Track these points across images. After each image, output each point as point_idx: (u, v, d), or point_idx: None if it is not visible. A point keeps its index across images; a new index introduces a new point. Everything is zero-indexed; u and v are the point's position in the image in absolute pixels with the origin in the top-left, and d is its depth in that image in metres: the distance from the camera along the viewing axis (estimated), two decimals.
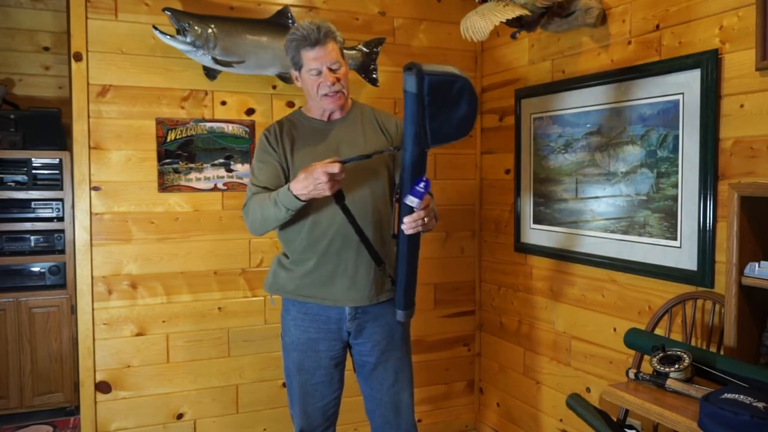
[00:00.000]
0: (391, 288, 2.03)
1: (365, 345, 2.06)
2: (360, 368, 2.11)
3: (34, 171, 3.41)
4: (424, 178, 1.73)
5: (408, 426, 2.13)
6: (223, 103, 2.78)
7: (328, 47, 1.93)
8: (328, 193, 1.78)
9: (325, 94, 1.96)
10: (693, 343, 2.04)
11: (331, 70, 1.94)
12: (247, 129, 2.82)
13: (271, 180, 2.00)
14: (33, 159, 3.40)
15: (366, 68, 2.89)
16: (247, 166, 2.82)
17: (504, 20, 2.36)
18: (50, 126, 3.46)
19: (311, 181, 1.76)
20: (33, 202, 3.44)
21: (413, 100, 1.65)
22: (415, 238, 1.81)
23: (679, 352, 1.71)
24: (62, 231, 3.47)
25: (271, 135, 2.04)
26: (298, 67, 1.98)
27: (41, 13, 3.74)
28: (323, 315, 2.02)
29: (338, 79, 1.95)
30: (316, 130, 2.05)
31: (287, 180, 1.99)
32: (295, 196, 1.82)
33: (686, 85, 2.06)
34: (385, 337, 2.06)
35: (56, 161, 3.45)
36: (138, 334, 2.70)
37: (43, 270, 3.46)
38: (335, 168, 1.73)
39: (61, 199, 3.47)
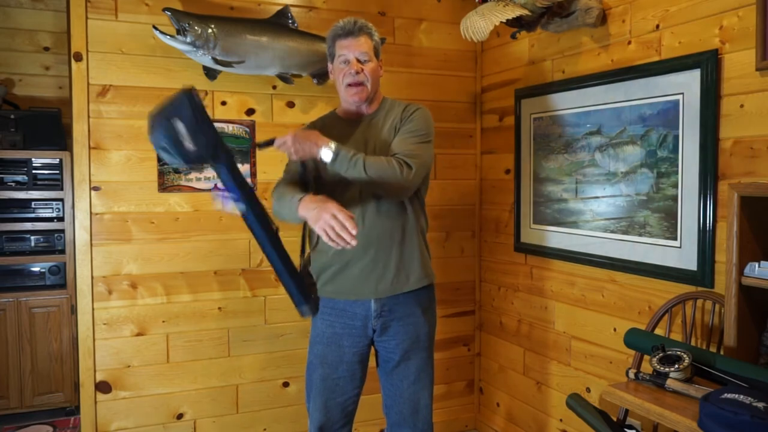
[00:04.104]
0: (417, 280, 2.06)
1: (390, 342, 2.07)
2: (384, 364, 2.12)
3: (34, 171, 3.41)
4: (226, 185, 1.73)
5: (424, 425, 2.14)
6: (223, 103, 2.78)
7: (360, 40, 2.00)
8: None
9: (349, 84, 1.99)
10: (693, 343, 2.04)
11: (358, 60, 1.98)
12: (247, 129, 2.82)
13: (293, 174, 2.06)
14: (33, 159, 3.40)
15: None
16: (247, 166, 2.82)
17: (504, 20, 2.36)
18: (50, 126, 3.46)
19: (319, 217, 1.75)
20: (33, 202, 3.44)
21: (191, 108, 1.62)
22: (264, 227, 1.78)
23: (679, 352, 1.71)
24: (62, 231, 3.47)
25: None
26: (332, 58, 2.04)
27: (41, 13, 3.74)
28: (349, 311, 2.03)
29: (362, 70, 1.98)
30: (345, 128, 2.07)
31: (312, 172, 2.03)
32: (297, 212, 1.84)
33: (686, 85, 2.06)
34: (409, 336, 2.07)
35: (56, 161, 3.45)
36: (138, 334, 2.70)
37: (43, 270, 3.46)
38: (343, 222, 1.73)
39: (61, 199, 3.47)
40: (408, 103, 2.12)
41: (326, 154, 1.84)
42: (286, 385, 2.95)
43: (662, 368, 1.70)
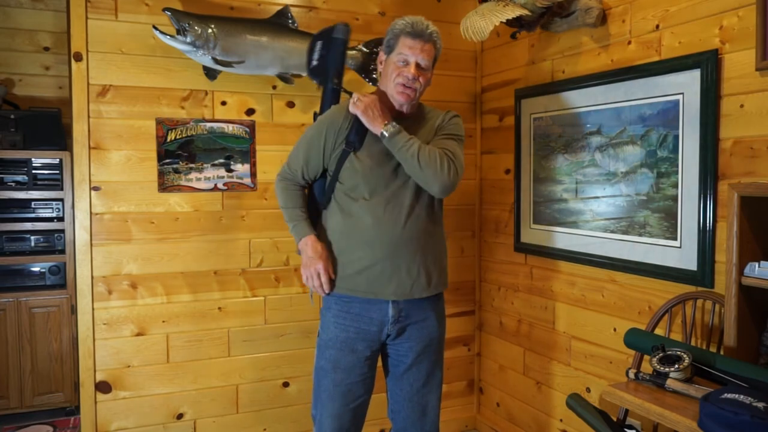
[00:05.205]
0: (436, 287, 2.06)
1: (402, 346, 2.06)
2: (393, 368, 2.11)
3: (34, 171, 3.41)
4: None
5: (432, 428, 2.13)
6: (223, 103, 2.78)
7: (427, 46, 1.97)
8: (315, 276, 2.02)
9: (400, 84, 1.96)
10: (693, 343, 2.04)
11: (418, 65, 1.96)
12: (247, 129, 2.82)
13: (306, 167, 2.08)
14: (33, 159, 3.40)
15: (366, 68, 2.89)
16: (247, 167, 2.82)
17: (504, 20, 2.36)
18: (50, 126, 3.45)
19: (313, 263, 2.01)
20: (33, 202, 3.44)
21: (342, 46, 2.29)
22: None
23: (679, 352, 1.71)
24: (62, 231, 3.47)
25: (333, 125, 2.03)
26: (389, 50, 2.00)
27: (41, 13, 3.74)
28: (365, 316, 2.01)
29: (419, 77, 1.96)
30: None
31: (324, 163, 2.06)
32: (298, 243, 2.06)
33: (686, 85, 2.06)
34: (422, 340, 2.06)
35: (56, 161, 3.45)
36: (138, 334, 2.70)
37: (43, 270, 3.46)
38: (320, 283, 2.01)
39: (61, 199, 3.47)
40: (447, 110, 2.16)
41: (387, 129, 1.91)
42: (286, 385, 2.95)
43: (662, 368, 1.70)
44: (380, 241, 1.96)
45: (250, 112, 2.83)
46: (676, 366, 1.68)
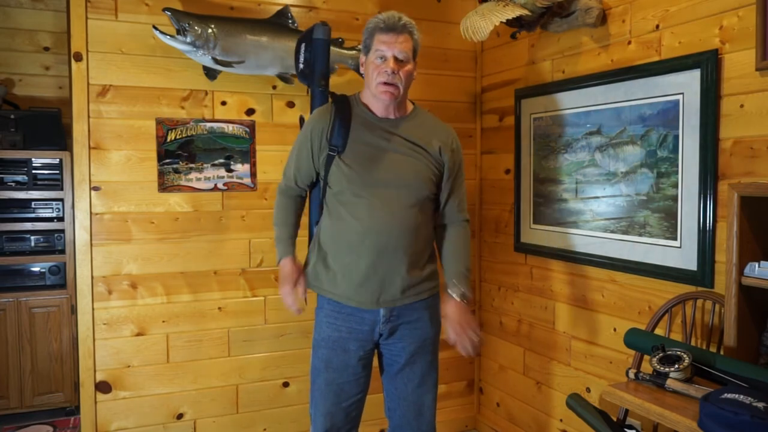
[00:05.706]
0: (427, 291, 2.06)
1: (396, 345, 2.06)
2: (388, 367, 2.10)
3: (34, 171, 3.41)
4: None
5: (428, 428, 2.13)
6: (223, 103, 2.78)
7: (402, 38, 1.91)
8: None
9: (381, 82, 1.91)
10: (693, 343, 2.04)
11: (396, 59, 1.91)
12: (247, 129, 2.82)
13: (299, 174, 2.09)
14: (33, 159, 3.40)
15: None
16: (247, 167, 2.82)
17: (504, 20, 2.36)
18: (50, 126, 3.45)
19: (282, 285, 2.06)
20: (33, 202, 3.44)
21: (324, 46, 2.34)
22: None
23: (679, 352, 1.71)
24: (62, 231, 3.47)
25: (317, 128, 2.01)
26: (367, 50, 1.97)
27: (41, 13, 3.74)
28: (357, 315, 2.00)
29: (398, 71, 1.91)
30: (367, 123, 2.00)
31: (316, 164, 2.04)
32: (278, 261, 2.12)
33: (686, 85, 2.06)
34: (416, 340, 2.05)
35: (56, 161, 3.45)
36: (138, 334, 2.70)
37: (43, 270, 3.46)
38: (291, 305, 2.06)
39: (61, 199, 3.47)
40: (447, 126, 2.11)
41: (462, 290, 2.06)
42: (286, 385, 2.95)
43: (662, 368, 1.70)
44: (366, 247, 1.94)
45: (250, 112, 2.83)
46: (676, 366, 1.68)
